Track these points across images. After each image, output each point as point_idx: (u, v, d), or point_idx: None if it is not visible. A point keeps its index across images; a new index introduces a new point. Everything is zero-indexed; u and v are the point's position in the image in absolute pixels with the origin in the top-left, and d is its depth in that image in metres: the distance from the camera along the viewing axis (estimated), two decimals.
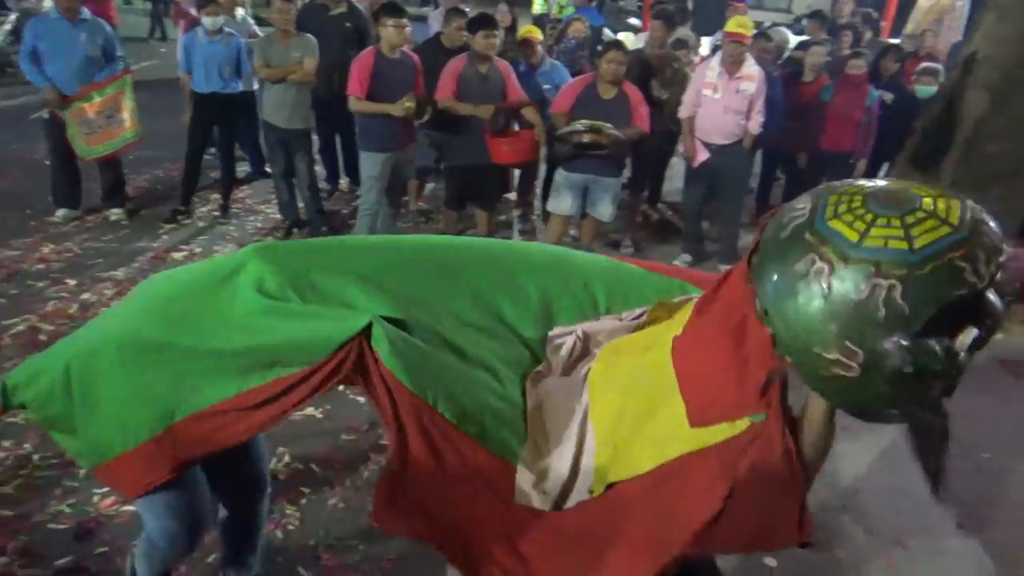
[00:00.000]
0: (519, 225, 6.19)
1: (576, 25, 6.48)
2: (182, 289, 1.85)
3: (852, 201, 1.25)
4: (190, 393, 1.70)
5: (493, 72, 4.98)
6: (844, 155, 5.91)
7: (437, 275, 1.89)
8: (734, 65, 4.97)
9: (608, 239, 5.96)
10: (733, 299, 1.46)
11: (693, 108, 5.15)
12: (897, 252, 1.17)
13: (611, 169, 5.06)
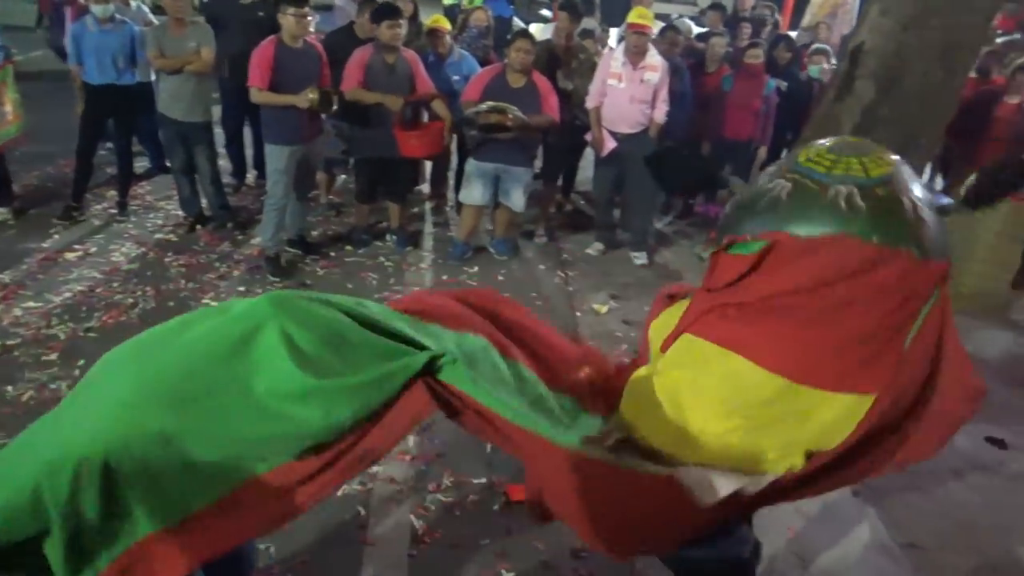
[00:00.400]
0: (433, 217, 6.15)
1: (478, 14, 6.47)
2: (186, 361, 1.58)
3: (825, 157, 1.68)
4: (205, 484, 1.52)
5: (400, 63, 4.92)
6: (745, 143, 6.12)
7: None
8: (638, 55, 5.06)
9: (523, 229, 6.00)
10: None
11: (599, 98, 5.22)
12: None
13: (521, 159, 5.10)
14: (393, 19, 4.77)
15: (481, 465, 3.23)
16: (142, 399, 1.52)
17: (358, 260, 5.23)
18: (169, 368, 1.57)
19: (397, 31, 4.79)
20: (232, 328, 1.63)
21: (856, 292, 1.59)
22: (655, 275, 5.38)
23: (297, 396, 1.56)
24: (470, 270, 5.23)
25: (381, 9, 4.89)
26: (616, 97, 5.14)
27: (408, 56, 4.99)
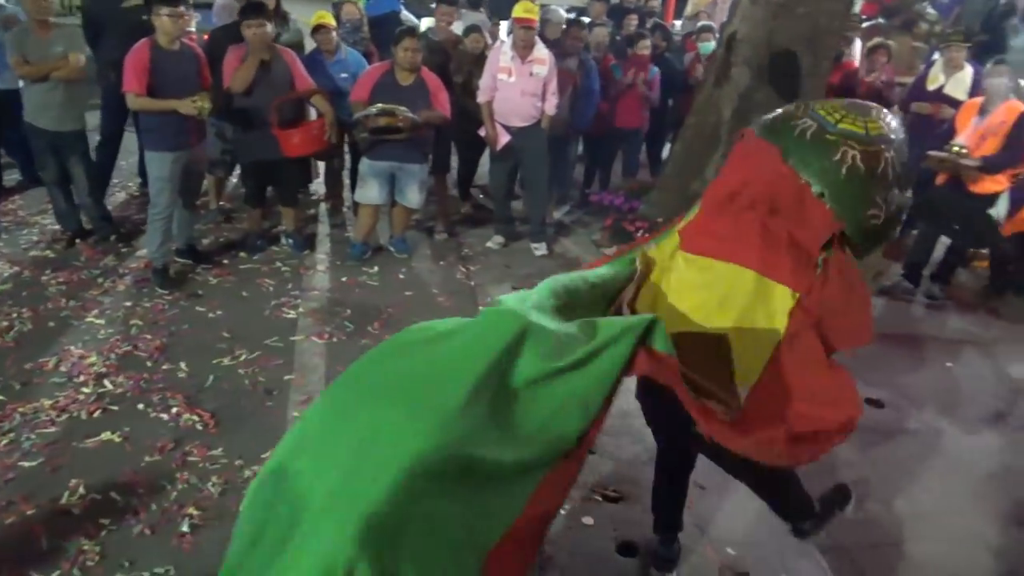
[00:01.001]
0: (329, 219, 6.04)
1: (348, 8, 6.38)
2: (465, 380, 1.58)
3: (838, 111, 2.01)
4: (486, 516, 1.53)
5: (277, 61, 4.79)
6: (635, 132, 6.30)
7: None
8: (525, 49, 5.11)
9: (423, 226, 5.98)
10: (771, 194, 2.02)
11: (490, 93, 5.25)
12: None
13: (415, 155, 5.08)
14: (253, 19, 4.64)
15: None
16: (431, 424, 1.52)
17: (253, 267, 5.09)
18: (452, 391, 1.58)
19: (258, 31, 4.65)
20: (492, 340, 1.68)
21: (794, 219, 2.00)
22: (555, 265, 5.47)
23: (557, 396, 1.66)
24: (370, 270, 5.18)
25: (244, 9, 4.75)
26: (507, 91, 5.18)
27: (285, 55, 4.87)
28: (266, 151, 4.83)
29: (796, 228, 2.00)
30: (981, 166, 4.74)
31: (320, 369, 3.93)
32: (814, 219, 1.99)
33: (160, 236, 4.62)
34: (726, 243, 2.07)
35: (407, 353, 1.76)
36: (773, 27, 4.90)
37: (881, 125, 2.01)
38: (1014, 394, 4.22)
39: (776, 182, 2.02)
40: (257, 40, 4.65)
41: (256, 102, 4.74)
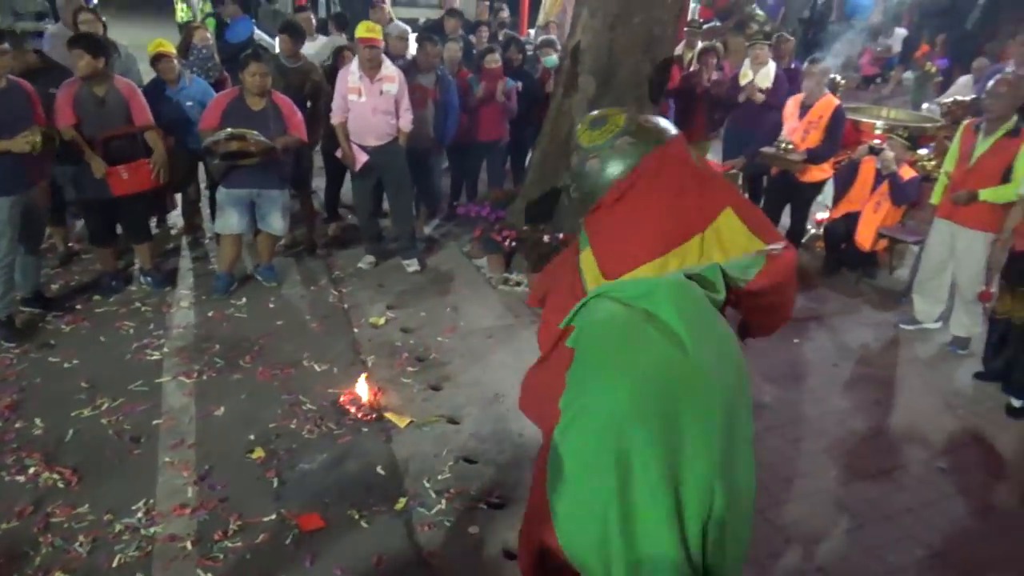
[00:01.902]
0: (190, 252, 5.83)
1: (200, 33, 6.21)
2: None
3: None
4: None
5: (112, 93, 4.59)
6: (496, 143, 6.46)
7: None
8: (372, 68, 5.13)
9: (291, 252, 5.88)
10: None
11: (342, 114, 5.22)
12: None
13: (274, 180, 5.00)
14: (83, 49, 4.44)
15: (268, 500, 3.18)
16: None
17: (109, 309, 4.84)
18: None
19: (91, 61, 4.46)
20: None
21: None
22: (428, 280, 5.53)
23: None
24: (238, 302, 5.04)
25: (73, 40, 4.54)
26: (359, 111, 5.18)
27: (122, 86, 4.68)
28: (96, 189, 4.62)
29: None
30: (807, 159, 5.19)
31: (191, 409, 3.81)
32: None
33: (2, 286, 4.33)
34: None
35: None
36: (612, 37, 5.15)
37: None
38: (851, 361, 4.66)
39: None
40: (85, 72, 4.45)
41: (88, 136, 4.53)
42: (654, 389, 1.69)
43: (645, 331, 1.76)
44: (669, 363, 1.71)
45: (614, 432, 1.67)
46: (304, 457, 3.47)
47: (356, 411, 3.85)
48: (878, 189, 5.53)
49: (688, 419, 1.68)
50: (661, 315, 1.77)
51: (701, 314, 1.82)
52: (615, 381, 1.71)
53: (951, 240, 4.63)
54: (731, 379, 1.79)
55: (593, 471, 1.70)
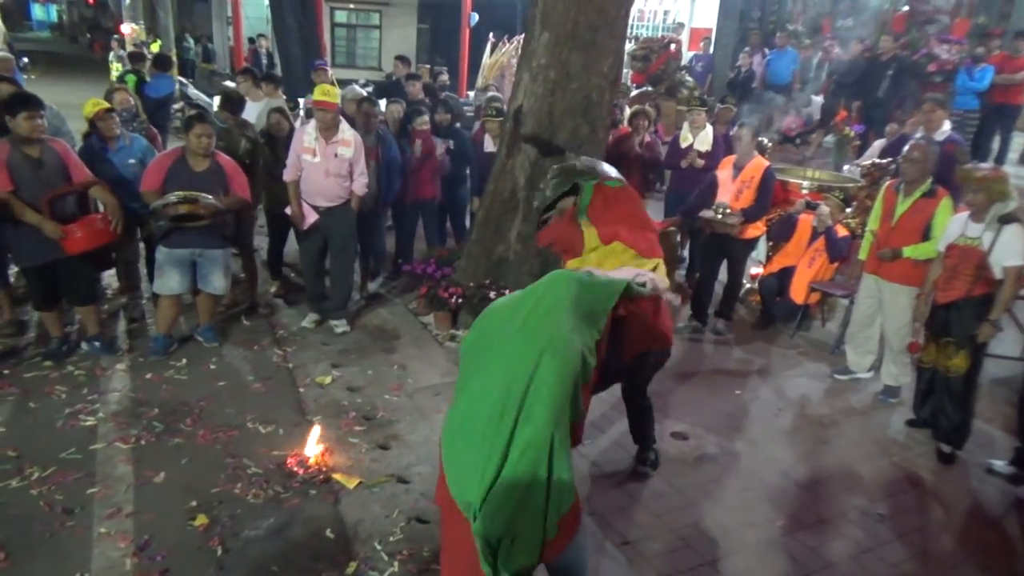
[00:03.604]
0: (128, 313, 5.66)
1: (120, 96, 6.17)
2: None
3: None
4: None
5: (48, 154, 4.48)
6: (430, 201, 6.58)
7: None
8: (327, 131, 5.17)
9: (231, 312, 5.77)
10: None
11: (295, 172, 5.23)
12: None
13: (216, 240, 4.93)
14: (32, 110, 4.35)
15: (212, 571, 3.06)
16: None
17: (40, 374, 4.65)
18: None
19: (38, 123, 4.37)
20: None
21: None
22: (371, 337, 5.50)
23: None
24: (178, 363, 4.91)
25: (15, 101, 4.44)
26: (312, 172, 5.18)
27: (57, 146, 4.58)
28: (46, 251, 4.47)
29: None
30: (742, 220, 5.43)
31: (128, 476, 3.66)
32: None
33: None
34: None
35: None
36: (552, 101, 5.34)
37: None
38: (791, 410, 4.80)
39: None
40: (36, 132, 4.36)
41: (28, 200, 4.38)
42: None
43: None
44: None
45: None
46: (249, 523, 3.37)
47: (303, 473, 3.76)
48: (813, 244, 5.81)
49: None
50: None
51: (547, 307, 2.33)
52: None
53: (878, 294, 4.88)
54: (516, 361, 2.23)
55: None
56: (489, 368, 2.24)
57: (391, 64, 11.07)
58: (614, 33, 5.39)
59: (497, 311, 2.40)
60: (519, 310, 2.31)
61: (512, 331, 2.26)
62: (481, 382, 2.24)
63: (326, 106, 5.13)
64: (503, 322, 2.31)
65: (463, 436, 2.20)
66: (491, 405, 2.15)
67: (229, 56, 18.85)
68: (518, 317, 2.28)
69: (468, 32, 13.26)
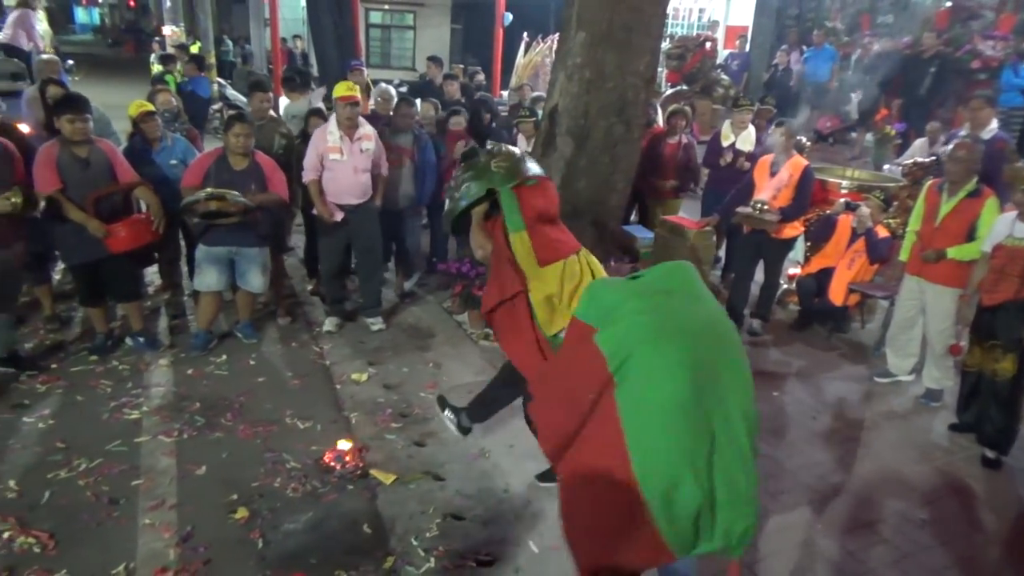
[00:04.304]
0: (170, 310, 5.78)
1: (163, 97, 6.28)
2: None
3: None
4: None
5: (95, 154, 4.59)
6: None
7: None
8: (351, 128, 5.21)
9: (270, 309, 5.85)
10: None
11: (315, 172, 5.23)
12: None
13: (252, 238, 5.00)
14: (75, 113, 4.46)
15: (253, 562, 3.12)
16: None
17: (86, 368, 4.77)
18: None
19: (80, 126, 4.47)
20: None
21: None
22: (406, 336, 5.54)
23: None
24: (218, 359, 5.00)
25: (61, 104, 4.57)
26: (340, 171, 5.19)
27: (104, 146, 4.69)
28: (91, 250, 4.59)
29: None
30: (780, 218, 5.36)
31: (171, 469, 3.74)
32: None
33: None
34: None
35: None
36: (587, 100, 5.33)
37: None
38: (829, 413, 4.74)
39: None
40: (78, 135, 4.47)
41: (75, 199, 4.50)
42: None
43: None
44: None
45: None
46: (288, 516, 3.42)
47: (340, 468, 3.81)
48: (852, 246, 5.71)
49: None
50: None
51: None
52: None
53: (921, 295, 4.79)
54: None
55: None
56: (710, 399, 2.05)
57: (424, 64, 11.14)
58: (650, 32, 5.36)
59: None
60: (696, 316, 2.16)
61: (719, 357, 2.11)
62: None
63: (350, 100, 5.16)
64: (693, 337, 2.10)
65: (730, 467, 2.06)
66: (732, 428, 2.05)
67: (266, 58, 19.11)
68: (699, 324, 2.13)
69: (502, 32, 13.25)
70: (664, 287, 2.20)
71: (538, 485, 3.70)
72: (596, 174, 5.49)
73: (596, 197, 5.54)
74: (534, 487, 3.70)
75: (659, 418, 2.00)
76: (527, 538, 3.35)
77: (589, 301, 2.24)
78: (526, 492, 3.68)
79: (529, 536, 3.36)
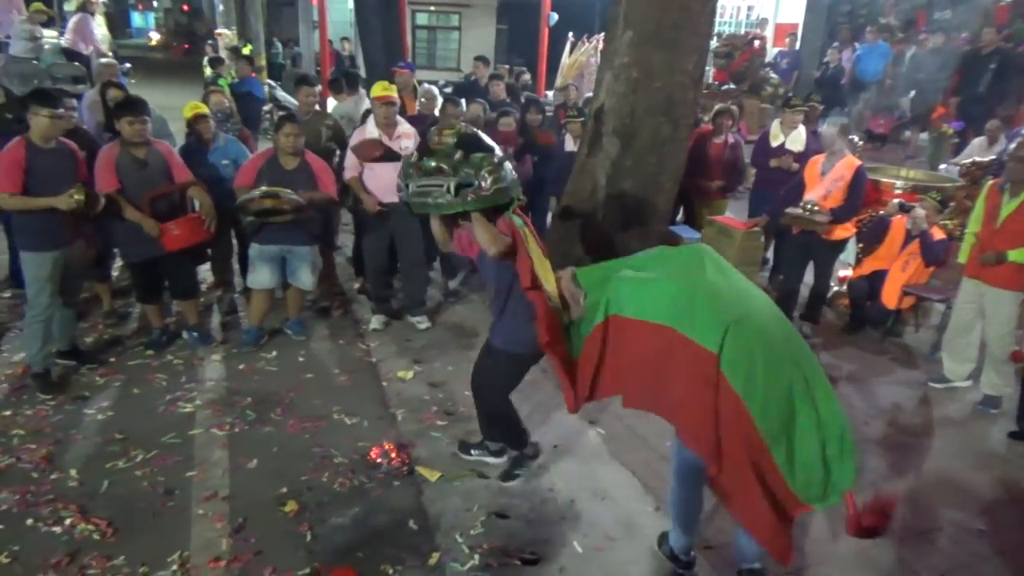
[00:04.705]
0: (220, 306, 5.92)
1: (215, 98, 6.42)
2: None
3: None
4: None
5: (153, 155, 4.72)
6: None
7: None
8: (390, 126, 5.28)
9: (318, 306, 5.95)
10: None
11: (355, 170, 5.30)
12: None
13: (303, 237, 5.09)
14: (134, 115, 4.60)
15: (302, 554, 3.18)
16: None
17: (142, 362, 4.91)
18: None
19: (139, 127, 4.60)
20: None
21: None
22: (451, 334, 5.58)
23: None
24: (267, 355, 5.10)
25: (121, 106, 4.72)
26: (379, 169, 5.22)
27: (161, 147, 4.83)
28: (148, 248, 4.72)
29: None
30: (831, 219, 5.25)
31: (223, 461, 3.83)
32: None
33: (40, 339, 4.42)
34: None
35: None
36: (634, 100, 5.30)
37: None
38: (882, 419, 4.63)
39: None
40: (136, 136, 4.61)
41: (132, 198, 4.64)
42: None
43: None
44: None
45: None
46: (336, 510, 3.48)
47: (386, 464, 3.86)
48: (907, 248, 5.55)
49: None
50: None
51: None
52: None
53: (980, 299, 4.65)
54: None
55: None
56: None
57: (470, 65, 11.19)
58: (698, 30, 5.31)
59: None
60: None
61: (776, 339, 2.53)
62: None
63: (387, 100, 5.23)
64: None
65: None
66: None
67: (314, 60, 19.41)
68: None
69: (547, 32, 13.27)
70: (694, 266, 2.65)
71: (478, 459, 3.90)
72: (642, 174, 5.46)
73: (642, 197, 5.50)
74: (578, 487, 3.70)
75: (762, 381, 2.43)
76: (571, 538, 3.34)
77: (652, 305, 2.63)
78: (571, 492, 3.68)
79: (573, 536, 3.36)
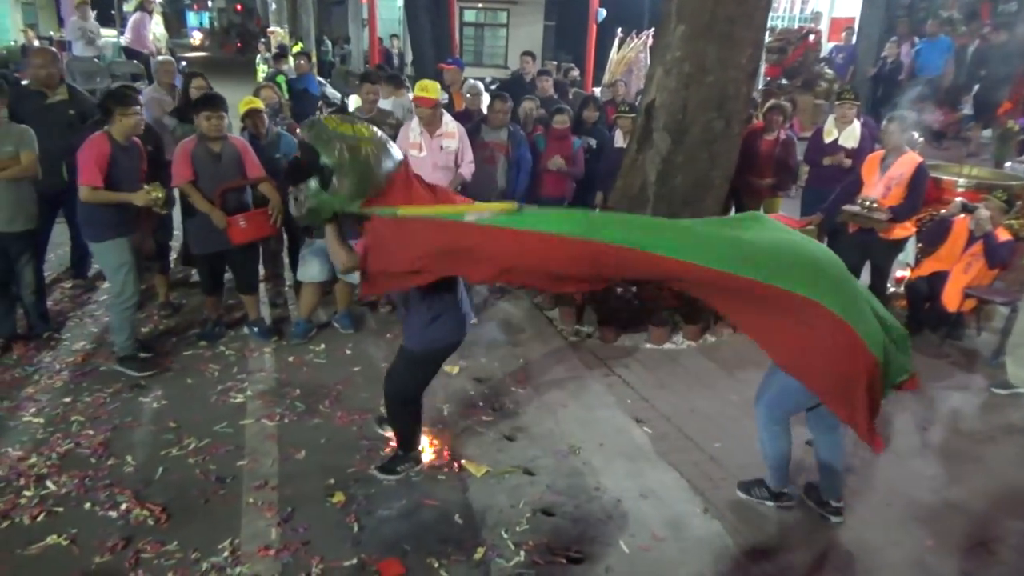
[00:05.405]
0: (270, 300, 6.01)
1: (265, 92, 6.52)
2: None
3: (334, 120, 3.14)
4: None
5: (227, 149, 4.83)
6: (559, 199, 6.54)
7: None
8: (430, 125, 5.30)
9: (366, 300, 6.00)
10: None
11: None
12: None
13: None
14: (212, 111, 4.72)
15: (349, 545, 3.20)
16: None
17: (195, 353, 5.02)
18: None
19: (216, 122, 4.72)
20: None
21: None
22: (497, 330, 5.57)
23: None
24: (316, 348, 5.17)
25: (200, 101, 4.85)
26: (419, 166, 5.22)
27: (236, 142, 4.93)
28: (216, 241, 4.82)
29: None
30: (890, 217, 5.09)
31: (273, 452, 3.89)
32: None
33: (130, 326, 4.63)
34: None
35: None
36: (686, 95, 5.23)
37: (363, 128, 3.03)
38: (941, 425, 4.47)
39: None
40: (213, 131, 4.72)
41: (205, 191, 4.76)
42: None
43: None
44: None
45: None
46: (383, 503, 3.50)
47: (433, 459, 3.87)
48: (970, 249, 5.32)
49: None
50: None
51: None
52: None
53: None
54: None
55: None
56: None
57: (517, 62, 11.16)
58: (753, 24, 5.21)
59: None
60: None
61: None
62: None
63: (423, 102, 5.26)
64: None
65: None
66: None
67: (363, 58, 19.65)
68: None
69: (595, 28, 13.16)
70: (752, 225, 3.12)
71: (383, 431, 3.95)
72: (693, 171, 5.38)
73: (693, 194, 5.43)
74: (625, 487, 3.66)
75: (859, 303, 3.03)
76: (618, 538, 3.31)
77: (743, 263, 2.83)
78: (617, 491, 3.64)
79: (620, 536, 3.32)
